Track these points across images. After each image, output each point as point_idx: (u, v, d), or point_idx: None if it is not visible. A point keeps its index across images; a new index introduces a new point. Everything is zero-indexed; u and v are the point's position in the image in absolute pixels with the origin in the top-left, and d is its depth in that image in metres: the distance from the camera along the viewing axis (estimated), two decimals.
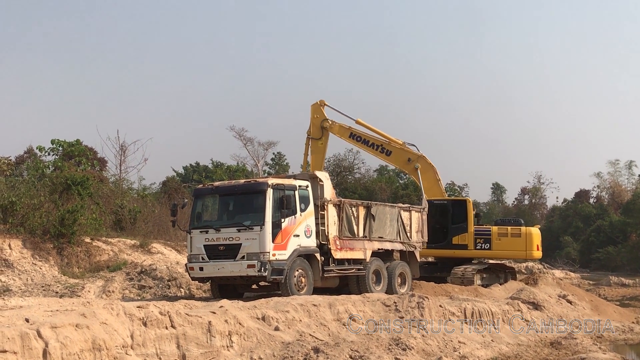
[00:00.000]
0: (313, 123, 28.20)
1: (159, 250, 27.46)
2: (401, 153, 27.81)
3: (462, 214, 26.87)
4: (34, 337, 11.11)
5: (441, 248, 26.58)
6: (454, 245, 26.68)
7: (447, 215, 26.75)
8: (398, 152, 27.84)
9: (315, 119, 28.20)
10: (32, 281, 22.20)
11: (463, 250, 26.73)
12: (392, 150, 27.84)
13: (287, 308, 15.92)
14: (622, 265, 57.24)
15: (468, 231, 26.70)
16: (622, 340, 21.52)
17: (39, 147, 36.57)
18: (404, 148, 27.74)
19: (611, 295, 36.72)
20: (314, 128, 28.15)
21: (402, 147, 27.75)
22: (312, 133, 28.15)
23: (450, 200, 27.87)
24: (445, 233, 26.66)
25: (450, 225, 26.74)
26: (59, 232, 24.41)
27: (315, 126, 28.15)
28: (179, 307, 14.24)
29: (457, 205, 27.26)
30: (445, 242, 26.54)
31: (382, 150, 27.91)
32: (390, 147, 27.85)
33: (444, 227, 26.68)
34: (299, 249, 19.13)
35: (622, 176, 79.12)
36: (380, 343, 15.58)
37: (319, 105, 28.34)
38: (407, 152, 27.71)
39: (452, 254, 26.84)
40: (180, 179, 55.45)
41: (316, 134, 28.09)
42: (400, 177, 70.61)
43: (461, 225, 26.72)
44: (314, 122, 28.19)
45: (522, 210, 79.47)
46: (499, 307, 20.21)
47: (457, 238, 26.66)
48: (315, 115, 28.24)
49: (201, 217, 19.96)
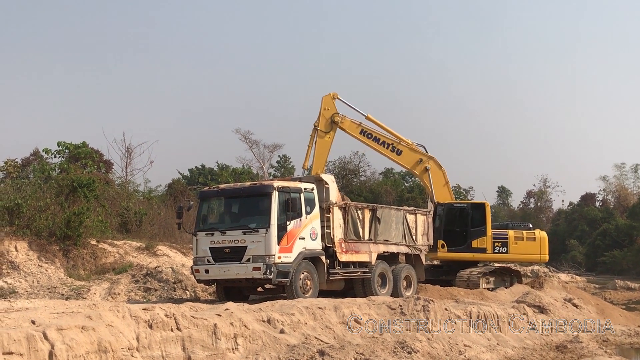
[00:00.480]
0: (323, 115, 26.54)
1: (164, 253, 27.49)
2: (412, 153, 27.09)
3: (481, 217, 26.85)
4: (40, 339, 11.13)
5: (461, 251, 26.50)
6: (473, 248, 26.62)
7: (467, 219, 26.70)
8: (409, 152, 27.07)
9: (326, 111, 26.59)
10: (38, 283, 22.24)
11: (482, 253, 26.73)
12: (403, 150, 26.99)
13: (293, 311, 15.92)
14: (628, 269, 57.11)
15: (487, 235, 26.66)
16: (628, 344, 21.48)
17: (45, 149, 36.69)
18: (415, 148, 27.14)
19: (617, 299, 36.61)
20: (323, 120, 26.50)
21: (412, 147, 27.11)
22: (320, 125, 26.49)
23: (470, 204, 27.68)
24: (465, 236, 26.58)
25: (470, 228, 26.67)
26: (65, 234, 24.45)
27: (325, 119, 26.52)
28: (185, 310, 14.26)
29: (476, 209, 27.18)
30: (465, 246, 26.50)
31: (393, 149, 26.96)
32: (401, 146, 26.99)
33: (464, 230, 26.61)
34: (304, 252, 19.12)
35: (628, 180, 79.06)
36: (385, 346, 15.57)
37: (331, 97, 26.82)
38: (418, 153, 27.11)
39: (471, 257, 26.80)
40: (185, 181, 55.53)
41: (324, 127, 26.44)
42: (405, 180, 70.59)
43: (480, 229, 26.68)
44: (324, 114, 26.55)
45: (527, 214, 79.38)
46: (505, 310, 20.18)
47: (477, 241, 26.58)
48: (325, 108, 26.63)
49: (207, 219, 19.97)
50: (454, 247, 26.20)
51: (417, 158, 27.09)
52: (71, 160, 35.80)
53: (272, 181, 20.03)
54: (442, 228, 26.36)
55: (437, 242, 26.04)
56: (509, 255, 27.20)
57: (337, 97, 26.83)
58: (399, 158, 27.20)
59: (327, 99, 26.74)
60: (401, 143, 27.04)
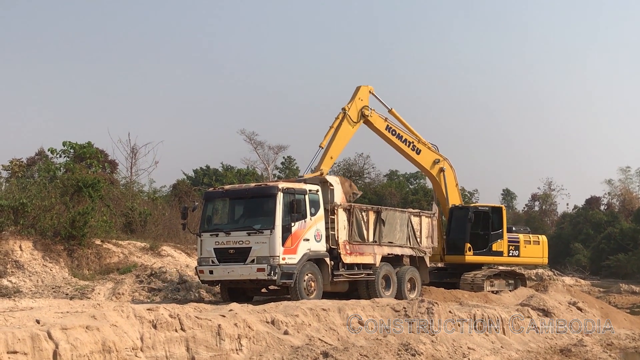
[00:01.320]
0: (355, 104, 24.98)
1: (169, 253, 27.50)
2: (430, 153, 26.73)
3: (499, 220, 26.99)
4: (44, 339, 11.16)
5: (483, 254, 26.59)
6: (493, 251, 26.73)
7: (488, 222, 26.76)
8: (427, 152, 26.66)
9: (360, 101, 25.10)
10: (42, 283, 22.27)
11: (499, 257, 26.92)
12: (422, 150, 26.49)
13: (297, 312, 15.93)
14: (633, 273, 56.99)
15: (504, 238, 26.83)
16: (633, 347, 21.45)
17: (50, 149, 36.71)
18: (432, 148, 26.82)
19: (621, 303, 36.57)
20: (355, 109, 24.93)
21: (430, 147, 26.75)
22: (350, 112, 24.76)
23: (491, 207, 27.68)
24: (487, 240, 26.62)
25: (491, 232, 26.73)
26: (70, 234, 24.47)
27: (357, 109, 24.98)
28: (189, 310, 14.28)
29: (495, 212, 27.26)
30: (487, 249, 26.56)
31: (413, 147, 26.29)
32: (420, 145, 26.44)
33: (486, 234, 26.64)
34: (308, 253, 19.14)
35: (633, 183, 78.96)
36: (389, 348, 15.57)
37: (367, 90, 25.49)
38: (434, 153, 26.79)
39: (492, 260, 27.00)
40: (190, 182, 55.52)
41: (354, 116, 24.87)
42: (410, 182, 70.55)
43: (499, 232, 26.80)
44: (356, 103, 25.00)
45: (532, 217, 79.27)
46: (509, 313, 20.16)
47: (496, 245, 26.73)
48: (360, 98, 25.16)
49: (211, 220, 20.00)
50: (477, 250, 26.37)
51: (435, 158, 26.79)
52: (76, 160, 35.81)
53: (277, 182, 20.04)
54: (469, 231, 26.42)
55: (465, 245, 26.18)
56: (520, 258, 27.56)
57: (373, 92, 25.81)
58: (419, 157, 26.59)
59: (364, 89, 25.52)
60: (420, 142, 26.58)
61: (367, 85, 25.49)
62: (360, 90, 25.28)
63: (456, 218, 26.87)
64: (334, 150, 24.42)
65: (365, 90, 25.38)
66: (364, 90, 25.36)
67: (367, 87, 25.44)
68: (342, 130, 24.50)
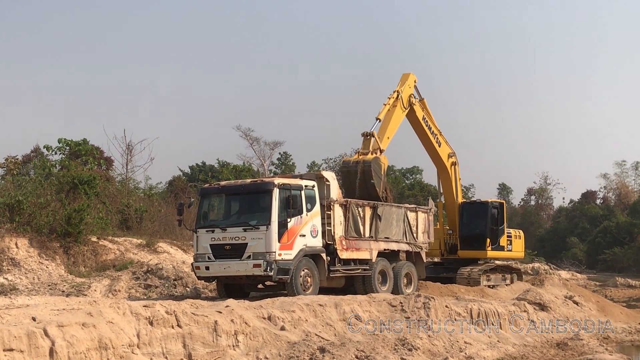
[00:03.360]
0: (406, 90, 24.51)
1: (165, 250, 27.50)
2: (446, 146, 26.64)
3: (502, 216, 27.28)
4: (40, 336, 11.13)
5: (495, 250, 26.82)
6: (500, 246, 27.00)
7: (496, 217, 26.96)
8: (445, 146, 26.54)
9: (408, 88, 24.67)
10: (38, 280, 22.25)
11: (501, 251, 27.20)
12: (442, 142, 26.39)
13: (293, 308, 15.92)
14: (629, 267, 57.17)
15: (504, 233, 27.15)
16: (629, 341, 21.48)
17: (46, 146, 36.58)
18: (447, 142, 26.69)
19: (617, 297, 36.65)
20: (405, 95, 24.41)
21: (446, 140, 26.63)
22: (404, 97, 24.23)
23: (498, 203, 27.90)
24: (496, 234, 26.81)
25: (499, 227, 26.95)
26: (66, 231, 24.46)
27: (406, 95, 24.52)
28: (185, 307, 14.26)
29: (501, 208, 27.52)
30: (497, 244, 26.76)
31: (437, 140, 26.12)
32: (441, 137, 26.32)
33: (496, 229, 26.84)
34: (305, 249, 19.13)
35: (629, 177, 79.21)
36: (386, 343, 15.57)
37: (413, 79, 25.12)
38: (449, 147, 26.73)
39: (499, 255, 27.25)
40: (186, 178, 55.47)
41: (405, 101, 24.37)
42: (406, 178, 70.58)
43: (502, 227, 27.09)
44: (406, 90, 24.53)
45: (528, 211, 79.43)
46: (505, 307, 20.18)
47: (502, 239, 27.03)
48: (409, 85, 24.80)
49: (207, 216, 19.98)
50: (493, 246, 26.66)
51: (449, 151, 26.80)
52: (72, 157, 35.73)
53: (273, 178, 20.02)
54: (490, 226, 26.62)
55: (486, 240, 26.37)
56: (512, 252, 27.93)
57: (416, 83, 25.43)
58: (440, 149, 26.35)
59: (412, 77, 25.10)
60: (441, 134, 26.41)
61: (413, 74, 25.10)
62: (409, 77, 24.95)
63: (468, 213, 26.99)
64: (391, 130, 23.72)
65: (412, 78, 25.10)
66: (412, 78, 25.06)
67: (413, 76, 25.14)
68: (396, 112, 23.99)
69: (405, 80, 24.82)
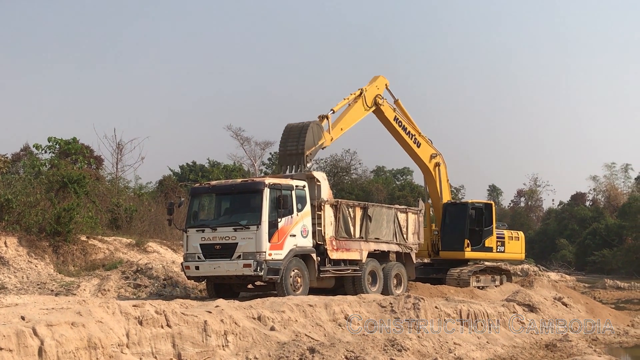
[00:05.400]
0: (372, 89, 24.68)
1: (155, 249, 27.43)
2: (428, 147, 26.59)
3: (490, 216, 27.16)
4: (29, 335, 11.09)
5: (478, 250, 26.73)
6: (486, 247, 26.93)
7: (481, 218, 26.90)
8: (426, 146, 26.51)
9: (375, 88, 24.83)
10: (27, 279, 22.16)
11: (489, 252, 27.12)
12: (422, 143, 26.35)
13: (283, 308, 15.92)
14: (618, 269, 57.34)
15: (493, 234, 27.06)
16: (617, 343, 21.55)
17: (35, 144, 36.44)
18: (429, 142, 26.67)
19: (606, 298, 36.73)
20: (370, 94, 24.56)
21: (427, 141, 26.60)
22: (367, 96, 24.35)
23: (484, 203, 27.78)
24: (481, 235, 26.76)
25: (484, 228, 26.89)
26: (55, 230, 24.37)
27: (372, 94, 24.64)
28: (175, 306, 14.23)
29: (487, 208, 27.41)
30: (481, 245, 26.71)
31: (415, 140, 26.10)
32: (421, 138, 26.28)
33: (480, 230, 26.79)
34: (295, 249, 19.12)
35: (618, 179, 79.51)
36: (375, 344, 15.58)
37: (384, 81, 25.34)
38: (431, 147, 26.71)
39: (484, 256, 27.16)
40: (176, 178, 55.34)
41: (369, 100, 24.45)
42: (397, 178, 70.68)
43: (490, 228, 27.00)
44: (372, 89, 24.70)
45: (518, 213, 79.65)
46: (495, 309, 20.22)
47: (488, 240, 26.95)
48: (377, 86, 24.96)
49: (197, 216, 19.94)
50: (474, 247, 26.48)
51: (432, 152, 26.75)
52: (61, 156, 35.60)
53: (264, 178, 19.99)
54: (468, 227, 26.58)
55: (464, 241, 26.26)
56: (505, 254, 27.84)
57: (388, 86, 25.61)
58: (419, 150, 26.35)
59: (382, 79, 25.38)
60: (421, 135, 26.36)
61: (384, 77, 25.43)
62: (378, 79, 25.20)
63: (450, 214, 26.95)
64: (346, 122, 23.80)
65: (383, 80, 25.35)
66: (381, 80, 25.31)
67: (384, 78, 25.41)
68: (356, 107, 24.11)
69: (374, 81, 25.01)
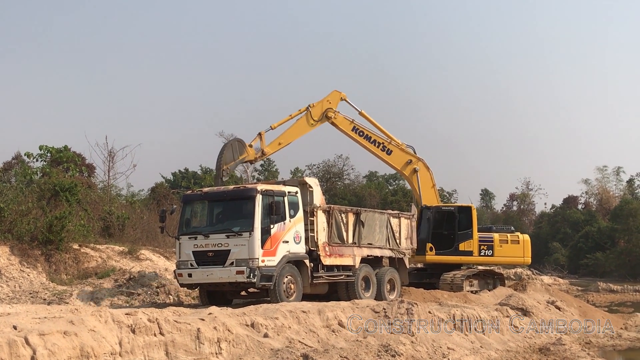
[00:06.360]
0: (321, 104, 26.00)
1: (147, 257, 27.34)
2: (402, 154, 27.07)
3: (467, 220, 27.07)
4: (21, 344, 11.04)
5: (449, 254, 26.66)
6: (460, 251, 26.82)
7: (454, 222, 26.82)
8: (399, 153, 27.05)
9: (327, 102, 26.06)
10: (19, 288, 22.06)
11: (469, 256, 26.98)
12: (393, 150, 26.94)
13: (276, 315, 15.89)
14: (611, 271, 57.50)
15: (473, 237, 26.91)
16: (611, 346, 21.57)
17: (26, 153, 36.26)
18: (405, 149, 27.13)
19: (599, 301, 36.82)
20: (319, 109, 25.92)
21: (402, 148, 27.10)
22: (313, 110, 25.81)
23: (457, 207, 27.77)
24: (452, 239, 26.71)
25: (457, 231, 26.82)
26: (47, 239, 24.27)
27: (321, 109, 25.94)
28: (168, 314, 14.19)
29: (463, 212, 27.34)
30: (452, 249, 26.62)
31: (384, 148, 26.83)
32: (392, 146, 26.92)
33: (452, 233, 26.74)
34: (288, 255, 19.10)
35: (610, 182, 79.69)
36: (369, 349, 15.57)
37: (339, 95, 26.41)
38: (407, 154, 27.11)
39: (458, 260, 27.04)
40: (169, 185, 55.27)
41: (316, 115, 25.82)
42: (389, 184, 70.73)
43: (467, 232, 26.89)
44: (323, 103, 26.01)
45: (510, 217, 79.74)
46: (488, 313, 20.23)
47: (464, 244, 26.84)
48: (328, 100, 26.13)
49: (190, 223, 19.91)
50: (442, 250, 26.39)
51: (407, 159, 27.08)
52: (53, 164, 35.47)
53: (256, 184, 19.99)
54: (431, 231, 26.47)
55: (426, 245, 26.16)
56: (494, 258, 27.55)
57: (345, 98, 26.54)
58: (389, 158, 27.07)
59: (335, 94, 26.40)
60: (392, 143, 26.98)
61: (339, 91, 26.48)
62: (331, 93, 26.37)
63: (424, 218, 26.99)
64: (285, 137, 25.45)
65: (336, 94, 26.39)
66: (335, 94, 26.38)
67: (338, 93, 26.46)
68: (299, 123, 25.57)
69: (327, 96, 26.15)
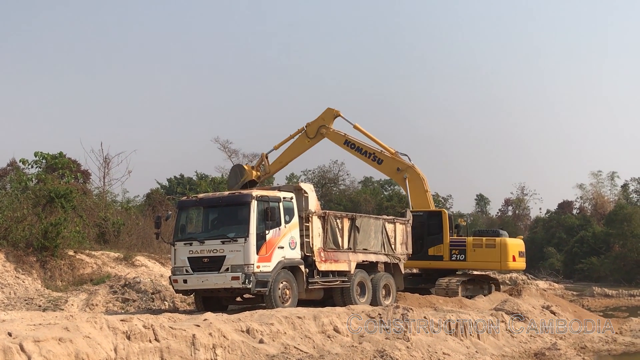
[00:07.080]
0: (316, 121, 28.18)
1: (142, 263, 27.34)
2: (391, 162, 27.77)
3: (438, 225, 27.00)
4: (16, 351, 11.03)
5: (417, 259, 26.51)
6: (429, 256, 26.82)
7: (423, 227, 26.81)
8: (389, 161, 27.82)
9: (321, 120, 28.20)
10: (15, 295, 22.03)
11: (438, 261, 26.87)
12: (384, 159, 27.82)
13: (272, 320, 15.89)
14: (605, 276, 57.56)
15: (443, 242, 26.88)
16: (606, 350, 21.61)
17: (22, 159, 36.24)
18: (395, 157, 27.72)
19: (594, 306, 36.88)
20: (314, 127, 28.14)
21: (393, 157, 27.74)
22: (309, 128, 28.16)
23: (426, 212, 27.72)
24: (421, 244, 26.71)
25: (426, 236, 26.84)
26: (42, 245, 24.25)
27: (316, 126, 28.11)
28: (163, 320, 14.19)
29: (433, 217, 27.29)
30: (421, 253, 26.56)
31: (374, 158, 27.92)
32: (382, 155, 27.82)
33: (421, 238, 26.71)
34: (283, 261, 19.10)
35: (605, 187, 79.83)
36: (365, 355, 15.57)
37: (332, 112, 28.28)
38: (397, 162, 27.69)
39: (428, 265, 27.05)
40: (164, 191, 55.17)
41: (311, 132, 28.12)
42: (384, 189, 70.74)
43: (437, 237, 26.89)
44: (317, 121, 28.18)
45: (505, 222, 79.83)
46: (483, 318, 20.25)
47: (433, 249, 26.87)
48: (323, 117, 28.24)
49: (185, 229, 19.89)
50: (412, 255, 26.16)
51: (396, 167, 27.75)
52: (48, 171, 35.44)
53: (251, 190, 19.99)
54: None
55: None
56: (467, 262, 26.95)
57: (339, 114, 28.25)
58: (380, 167, 28.22)
59: (329, 111, 28.31)
60: (383, 152, 27.88)
61: (332, 108, 28.35)
62: (325, 111, 28.31)
63: None
64: (286, 156, 28.34)
65: (330, 112, 28.35)
66: (328, 112, 28.30)
67: (332, 110, 28.32)
68: (297, 141, 28.17)
69: (321, 115, 28.25)
